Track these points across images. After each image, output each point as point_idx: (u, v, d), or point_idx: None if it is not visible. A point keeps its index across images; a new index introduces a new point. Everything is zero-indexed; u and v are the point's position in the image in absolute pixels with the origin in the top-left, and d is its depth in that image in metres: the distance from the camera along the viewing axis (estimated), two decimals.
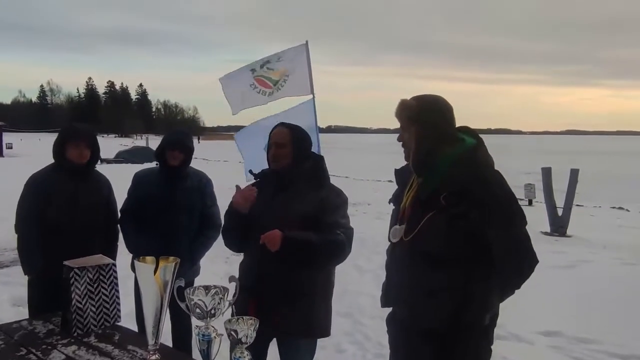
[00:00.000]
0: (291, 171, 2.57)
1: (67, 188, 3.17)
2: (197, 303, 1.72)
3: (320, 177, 2.62)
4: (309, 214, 2.48)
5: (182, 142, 3.35)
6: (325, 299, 2.63)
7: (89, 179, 3.29)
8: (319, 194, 2.54)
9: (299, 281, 2.50)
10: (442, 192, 1.89)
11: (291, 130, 2.64)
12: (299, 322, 2.51)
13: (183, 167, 3.36)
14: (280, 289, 2.50)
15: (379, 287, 5.79)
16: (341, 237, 2.46)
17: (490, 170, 1.93)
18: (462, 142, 1.97)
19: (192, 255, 3.42)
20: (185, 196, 3.35)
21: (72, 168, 3.18)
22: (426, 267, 1.94)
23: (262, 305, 2.46)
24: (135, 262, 1.75)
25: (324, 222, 2.48)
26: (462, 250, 1.88)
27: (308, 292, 2.53)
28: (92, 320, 2.38)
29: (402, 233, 2.01)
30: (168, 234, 3.30)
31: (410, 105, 1.98)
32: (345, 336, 4.30)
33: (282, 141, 2.59)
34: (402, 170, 2.18)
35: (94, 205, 3.27)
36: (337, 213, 2.54)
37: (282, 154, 2.58)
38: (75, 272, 2.35)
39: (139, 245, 3.32)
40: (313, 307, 2.54)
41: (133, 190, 3.47)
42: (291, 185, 2.56)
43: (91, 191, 3.28)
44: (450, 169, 1.92)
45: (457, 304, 1.90)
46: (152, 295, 1.74)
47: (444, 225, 1.87)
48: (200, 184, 3.45)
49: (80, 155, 3.17)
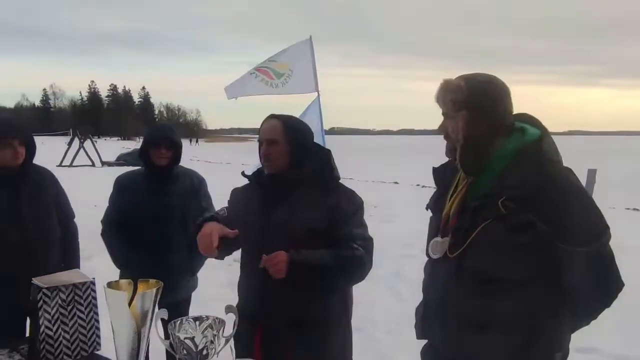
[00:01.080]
0: (290, 175, 2.11)
1: (4, 198, 2.58)
2: (183, 341, 1.33)
3: (328, 179, 2.16)
4: (318, 226, 2.04)
5: (168, 137, 2.90)
6: (344, 325, 2.21)
7: (27, 181, 2.67)
8: (328, 201, 2.09)
9: (312, 307, 2.07)
10: (499, 196, 1.49)
11: (283, 122, 2.13)
12: (315, 356, 2.08)
13: (172, 167, 2.94)
14: (290, 317, 2.06)
15: (392, 297, 5.40)
16: (359, 251, 2.02)
17: (560, 168, 1.54)
18: (522, 132, 1.58)
19: (192, 266, 3.05)
20: (177, 201, 2.94)
21: (3, 173, 2.57)
22: (478, 292, 1.54)
23: (269, 338, 2.06)
24: (105, 289, 1.36)
25: (337, 234, 2.05)
26: (525, 271, 1.49)
27: (324, 319, 2.10)
28: (65, 349, 2.01)
29: (447, 248, 1.61)
30: (160, 246, 2.90)
31: (457, 87, 1.56)
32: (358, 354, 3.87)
33: (274, 136, 2.10)
34: (443, 169, 1.77)
35: (40, 211, 2.69)
36: (352, 222, 2.08)
37: (275, 153, 2.10)
38: (44, 293, 1.97)
39: (127, 260, 2.95)
40: (329, 337, 2.11)
41: (116, 197, 3.05)
42: (293, 193, 2.11)
43: (33, 196, 2.67)
44: (509, 167, 1.53)
45: (520, 341, 1.51)
46: (125, 330, 1.36)
47: (503, 239, 1.48)
48: (192, 185, 3.02)
49: (11, 156, 2.57)
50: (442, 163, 1.78)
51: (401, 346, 3.95)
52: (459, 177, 1.67)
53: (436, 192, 1.79)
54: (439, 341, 1.69)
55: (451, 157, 1.66)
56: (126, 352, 1.38)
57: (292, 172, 2.11)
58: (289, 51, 7.31)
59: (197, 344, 1.33)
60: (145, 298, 1.36)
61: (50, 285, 1.99)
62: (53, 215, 2.77)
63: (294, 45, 7.41)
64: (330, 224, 2.05)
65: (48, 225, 2.74)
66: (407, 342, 4.03)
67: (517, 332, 1.51)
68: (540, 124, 1.61)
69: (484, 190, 1.54)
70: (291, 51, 7.33)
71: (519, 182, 1.48)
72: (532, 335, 1.51)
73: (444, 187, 1.74)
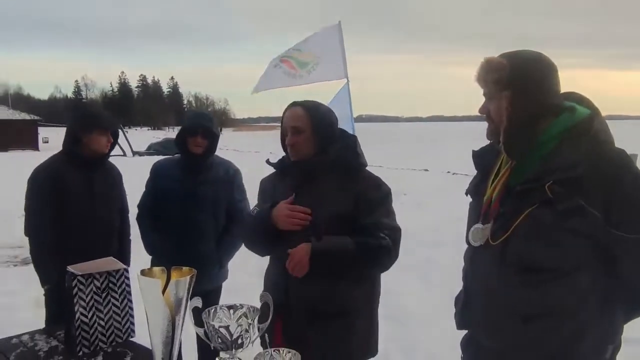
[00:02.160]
0: (315, 162, 2.07)
1: (83, 181, 2.86)
2: (218, 330, 1.30)
3: (354, 165, 2.11)
4: (343, 213, 2.01)
5: (205, 126, 2.88)
6: (368, 314, 2.16)
7: (105, 170, 3.00)
8: (354, 188, 2.05)
9: (334, 298, 2.03)
10: (545, 179, 1.40)
11: (307, 110, 2.09)
12: (336, 348, 2.04)
13: (207, 156, 2.92)
14: (313, 306, 2.03)
15: (424, 285, 5.32)
16: (385, 241, 1.97)
17: (612, 149, 1.44)
18: (571, 112, 1.48)
19: (220, 257, 3.02)
20: (211, 190, 2.91)
21: (87, 158, 2.87)
22: (523, 282, 1.46)
23: (291, 330, 2.02)
24: (139, 276, 1.34)
25: (364, 223, 2.00)
26: (573, 259, 1.41)
27: (347, 309, 2.05)
28: (101, 336, 2.02)
29: (489, 235, 1.53)
30: (191, 234, 2.90)
31: (500, 66, 1.47)
32: (390, 343, 3.84)
33: (298, 124, 2.07)
34: (484, 152, 1.68)
35: (110, 199, 2.97)
36: (379, 210, 2.03)
37: (300, 142, 2.07)
38: (79, 281, 1.98)
39: (156, 247, 2.97)
40: (352, 326, 2.07)
41: (151, 183, 3.06)
42: (317, 180, 2.07)
43: (107, 184, 2.97)
44: (557, 148, 1.44)
45: (568, 333, 1.43)
46: (159, 318, 1.33)
47: (549, 225, 1.39)
48: (227, 175, 2.99)
49: (106, 144, 2.90)
50: (481, 146, 1.70)
51: (433, 335, 3.89)
52: (501, 160, 1.59)
53: (476, 176, 1.71)
54: (481, 332, 1.62)
55: (493, 140, 1.58)
56: (160, 340, 1.36)
57: (317, 158, 2.07)
58: (316, 38, 7.21)
59: (232, 333, 1.30)
60: (179, 286, 1.33)
61: (84, 273, 1.99)
62: (116, 205, 3.04)
63: (322, 32, 7.31)
64: (356, 211, 2.01)
65: (111, 212, 2.99)
66: (439, 331, 3.98)
67: (565, 324, 1.44)
68: (591, 103, 1.51)
69: (529, 173, 1.46)
70: (318, 38, 7.24)
71: (567, 164, 1.40)
72: (581, 326, 1.43)
73: (484, 171, 1.65)
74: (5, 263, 6.58)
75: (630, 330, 1.57)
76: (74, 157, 2.87)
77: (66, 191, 2.80)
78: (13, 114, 40.49)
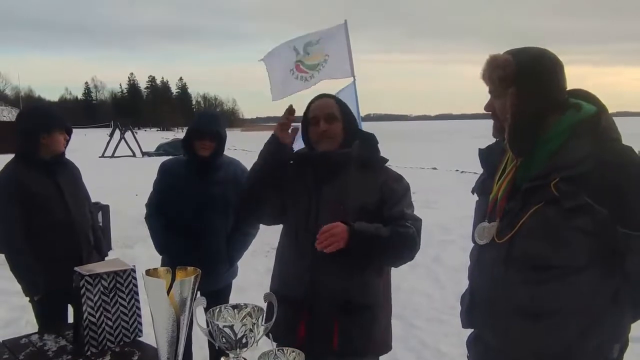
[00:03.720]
0: (342, 153, 2.08)
1: (50, 184, 2.77)
2: (222, 329, 1.31)
3: (376, 159, 2.15)
4: (369, 204, 2.03)
5: (212, 129, 2.86)
6: (387, 308, 2.18)
7: (66, 168, 2.93)
8: (377, 180, 2.08)
9: (360, 290, 2.04)
10: (552, 177, 1.39)
11: (338, 102, 2.14)
12: (362, 340, 2.04)
13: (215, 158, 2.92)
14: (339, 300, 2.02)
15: (432, 284, 5.30)
16: (412, 229, 2.01)
17: (619, 146, 1.42)
18: (577, 109, 1.46)
19: (230, 255, 3.03)
20: (219, 191, 2.91)
21: (46, 160, 2.77)
22: (529, 280, 1.45)
23: (316, 323, 2.02)
24: (144, 276, 1.35)
25: (389, 214, 2.03)
26: (580, 257, 1.39)
27: (370, 303, 2.06)
28: (108, 335, 2.04)
29: (495, 233, 1.52)
30: (201, 233, 2.90)
31: (505, 62, 1.46)
32: (399, 342, 3.82)
33: (333, 111, 2.09)
34: (490, 150, 1.67)
35: (79, 199, 2.92)
36: (403, 202, 2.07)
37: (334, 130, 2.08)
38: (86, 281, 1.99)
39: (167, 246, 2.97)
40: (376, 320, 2.08)
41: (159, 182, 3.06)
42: (342, 171, 2.08)
43: (71, 182, 2.91)
44: (563, 146, 1.42)
45: (575, 331, 1.42)
46: (164, 318, 1.34)
47: (556, 223, 1.38)
48: (235, 175, 2.98)
49: (63, 143, 2.82)
50: (488, 144, 1.68)
51: (442, 334, 3.88)
52: (507, 158, 1.58)
53: (482, 174, 1.70)
54: (487, 331, 1.61)
55: (499, 137, 1.57)
56: (165, 340, 1.36)
57: (344, 150, 2.09)
58: (323, 37, 7.23)
59: (237, 332, 1.30)
60: (183, 286, 1.34)
61: (92, 273, 2.01)
62: (86, 201, 3.01)
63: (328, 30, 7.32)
64: (381, 203, 2.05)
65: (84, 210, 2.95)
66: (447, 330, 3.98)
67: (571, 322, 1.42)
68: (598, 100, 1.50)
69: (535, 171, 1.45)
70: (325, 37, 7.25)
71: (573, 161, 1.39)
72: (588, 325, 1.42)
73: (491, 169, 1.64)
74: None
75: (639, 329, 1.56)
76: (33, 161, 2.75)
77: (35, 196, 2.70)
78: None
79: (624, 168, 1.36)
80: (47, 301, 2.75)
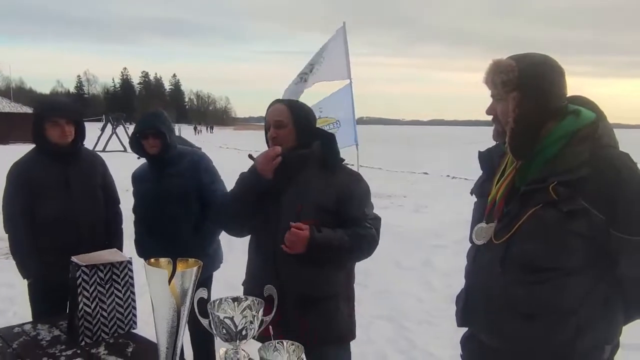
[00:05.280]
0: (297, 153, 2.17)
1: (55, 174, 2.78)
2: (223, 321, 1.32)
3: (334, 159, 2.24)
4: (327, 205, 2.13)
5: (153, 127, 2.86)
6: (350, 296, 2.30)
7: (78, 160, 2.87)
8: (335, 181, 2.17)
9: (322, 282, 2.16)
10: (550, 180, 1.43)
11: (288, 106, 2.23)
12: (326, 329, 2.16)
13: (164, 154, 2.91)
14: (303, 293, 2.13)
15: (423, 287, 5.32)
16: (372, 230, 2.16)
17: (616, 152, 1.46)
18: (576, 115, 1.50)
19: (201, 244, 2.98)
20: (176, 183, 2.92)
21: (56, 150, 2.77)
22: (524, 281, 1.48)
23: (284, 315, 2.05)
24: (145, 266, 1.36)
25: (350, 216, 2.14)
26: (575, 259, 1.43)
27: (331, 293, 2.19)
28: (103, 327, 2.04)
29: (492, 233, 1.56)
30: (168, 229, 2.92)
31: (509, 67, 1.49)
32: (389, 343, 3.87)
33: (281, 118, 2.19)
34: (490, 153, 1.71)
35: (88, 191, 2.88)
36: (362, 202, 2.19)
37: (282, 135, 2.19)
38: (83, 271, 2.00)
39: (145, 247, 3.05)
40: (338, 310, 2.20)
41: (133, 189, 3.14)
42: (300, 173, 2.17)
43: (82, 175, 2.87)
44: (561, 151, 1.46)
45: (568, 332, 1.45)
46: (165, 308, 1.35)
47: (552, 225, 1.41)
48: (191, 164, 2.99)
49: (59, 135, 2.75)
50: (488, 147, 1.72)
51: (432, 336, 3.90)
52: (506, 161, 1.61)
53: (482, 176, 1.73)
54: (481, 330, 1.64)
55: (499, 140, 1.60)
56: (165, 330, 1.37)
57: (301, 151, 2.18)
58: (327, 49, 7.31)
59: (237, 324, 1.32)
60: (184, 277, 1.35)
61: (88, 264, 2.01)
62: (99, 197, 2.95)
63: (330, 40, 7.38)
64: (340, 203, 2.14)
65: (94, 205, 2.90)
66: (438, 332, 4.00)
67: (565, 323, 1.46)
68: (597, 107, 1.54)
69: (534, 174, 1.48)
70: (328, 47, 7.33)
71: (571, 166, 1.42)
72: (581, 326, 1.45)
73: (490, 171, 1.68)
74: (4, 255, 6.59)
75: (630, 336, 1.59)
76: (43, 150, 2.80)
77: (40, 185, 2.75)
78: (14, 107, 40.48)
79: (620, 174, 1.40)
80: (40, 288, 2.79)
